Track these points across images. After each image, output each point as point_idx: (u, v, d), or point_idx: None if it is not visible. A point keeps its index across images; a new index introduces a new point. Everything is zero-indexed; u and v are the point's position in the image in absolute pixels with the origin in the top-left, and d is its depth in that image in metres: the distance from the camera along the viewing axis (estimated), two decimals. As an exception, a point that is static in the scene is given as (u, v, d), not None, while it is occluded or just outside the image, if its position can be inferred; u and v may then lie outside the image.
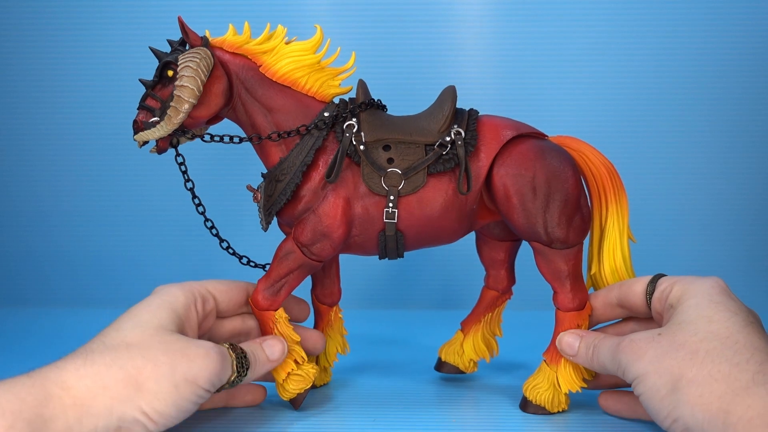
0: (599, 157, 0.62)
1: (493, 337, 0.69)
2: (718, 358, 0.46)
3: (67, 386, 0.45)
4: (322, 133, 0.57)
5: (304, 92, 0.58)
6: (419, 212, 0.57)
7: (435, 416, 0.59)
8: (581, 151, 0.62)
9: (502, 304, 0.68)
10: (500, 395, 0.64)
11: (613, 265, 0.62)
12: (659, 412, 0.48)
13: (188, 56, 0.54)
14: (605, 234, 0.62)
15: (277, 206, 0.57)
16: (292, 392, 0.59)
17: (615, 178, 0.62)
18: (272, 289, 0.58)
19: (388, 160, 0.57)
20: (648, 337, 0.51)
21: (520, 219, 0.57)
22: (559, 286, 0.59)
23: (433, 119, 0.59)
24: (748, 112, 0.99)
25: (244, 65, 0.57)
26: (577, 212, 0.59)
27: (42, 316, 0.95)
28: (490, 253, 0.67)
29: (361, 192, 0.57)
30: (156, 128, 0.54)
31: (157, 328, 0.51)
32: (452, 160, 0.57)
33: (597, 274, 0.62)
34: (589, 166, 0.62)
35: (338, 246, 0.58)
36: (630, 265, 0.62)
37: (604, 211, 0.62)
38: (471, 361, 0.68)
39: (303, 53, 0.58)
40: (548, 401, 0.59)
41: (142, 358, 0.47)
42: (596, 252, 0.63)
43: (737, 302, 0.51)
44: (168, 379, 0.47)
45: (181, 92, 0.54)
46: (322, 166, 0.57)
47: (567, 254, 0.58)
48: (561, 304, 0.59)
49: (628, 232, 0.62)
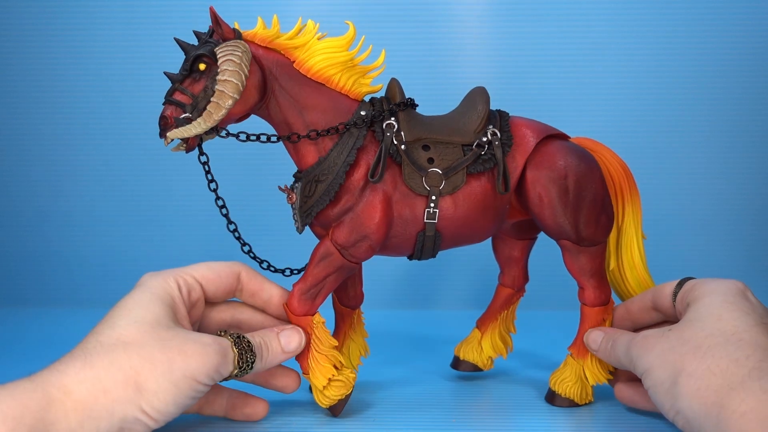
0: (616, 158, 0.65)
1: (508, 333, 0.70)
2: (718, 353, 0.47)
3: (68, 390, 0.44)
4: (362, 132, 0.56)
5: (337, 90, 0.57)
6: (458, 212, 0.57)
7: (435, 416, 0.59)
8: (600, 152, 0.64)
9: (516, 301, 0.69)
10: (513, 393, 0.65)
11: (631, 261, 0.64)
12: (663, 404, 0.49)
13: (229, 49, 0.52)
14: (622, 232, 0.64)
15: (318, 207, 0.56)
16: (333, 399, 0.57)
17: (630, 179, 0.65)
18: (310, 293, 0.56)
19: (429, 160, 0.57)
20: (658, 333, 0.52)
21: (551, 218, 0.58)
22: (586, 283, 0.61)
23: (468, 119, 0.59)
24: (749, 111, 1.00)
25: (277, 60, 0.55)
26: (603, 211, 0.60)
27: (40, 316, 0.95)
28: (506, 252, 0.67)
29: (401, 192, 0.57)
30: (192, 125, 0.51)
31: (152, 324, 0.49)
32: (491, 160, 0.58)
33: (616, 270, 0.64)
34: (608, 167, 0.64)
35: (377, 247, 0.57)
36: (645, 260, 0.65)
37: (621, 210, 0.64)
38: (489, 358, 0.68)
39: (336, 50, 0.56)
40: (576, 394, 0.61)
41: (139, 358, 0.47)
42: (614, 249, 0.64)
43: (753, 304, 0.52)
44: (167, 378, 0.47)
45: (224, 87, 0.51)
46: (363, 166, 0.56)
47: (593, 252, 0.60)
48: (588, 299, 0.61)
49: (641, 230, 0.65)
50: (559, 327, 0.74)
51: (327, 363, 0.57)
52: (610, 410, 0.60)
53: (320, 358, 0.57)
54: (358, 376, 0.67)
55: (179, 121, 0.52)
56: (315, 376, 0.57)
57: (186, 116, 0.52)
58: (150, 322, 0.49)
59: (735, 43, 1.00)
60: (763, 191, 1.00)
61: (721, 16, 0.99)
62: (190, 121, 0.52)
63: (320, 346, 0.57)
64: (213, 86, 0.52)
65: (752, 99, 1.01)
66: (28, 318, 0.94)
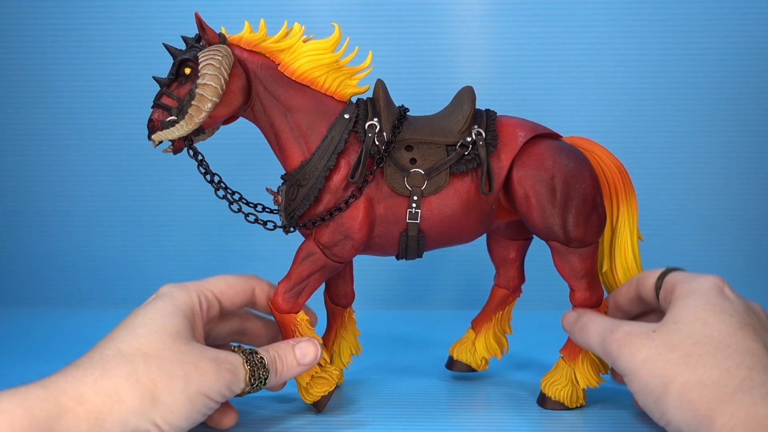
0: (611, 157, 0.63)
1: (503, 334, 0.69)
2: (709, 363, 0.46)
3: (82, 400, 0.44)
4: (343, 136, 0.56)
5: (322, 92, 0.57)
6: (441, 212, 0.57)
7: (435, 416, 0.59)
8: (594, 151, 0.63)
9: (512, 302, 0.69)
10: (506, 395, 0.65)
11: (625, 264, 0.63)
12: (652, 413, 0.49)
13: (209, 53, 0.53)
14: (616, 233, 0.63)
15: (300, 211, 0.56)
16: (317, 395, 0.58)
17: (626, 179, 0.64)
18: (293, 291, 0.57)
19: (411, 160, 0.57)
20: (642, 333, 0.51)
21: (538, 219, 0.58)
22: (576, 284, 0.60)
23: (453, 120, 0.59)
24: (747, 111, 0.99)
25: (262, 63, 0.56)
26: (594, 212, 0.59)
27: (38, 316, 0.95)
28: (501, 252, 0.67)
29: (383, 192, 0.57)
30: (175, 127, 0.53)
31: (173, 336, 0.50)
32: (474, 160, 0.58)
33: (608, 272, 0.63)
34: (602, 166, 0.63)
35: (360, 247, 0.57)
36: (640, 263, 0.64)
37: (616, 211, 0.63)
38: (483, 359, 0.68)
39: (321, 52, 0.57)
40: (567, 397, 0.60)
41: (158, 370, 0.47)
42: (608, 250, 0.64)
43: (735, 302, 0.51)
44: (183, 393, 0.47)
45: (204, 90, 0.52)
46: (344, 168, 0.57)
47: (584, 253, 0.59)
48: (578, 301, 0.60)
49: (637, 231, 0.64)
50: (553, 328, 0.72)
51: None
52: (601, 414, 0.60)
53: None
54: (353, 376, 0.68)
55: (165, 124, 0.53)
56: None
57: (171, 119, 0.53)
58: (171, 334, 0.50)
59: (735, 43, 0.98)
60: (764, 192, 0.98)
61: (721, 16, 0.98)
62: (175, 123, 0.53)
63: None
64: (196, 90, 0.53)
65: (750, 98, 0.99)
66: (25, 318, 0.95)
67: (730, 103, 1.00)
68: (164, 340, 0.49)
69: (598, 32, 0.99)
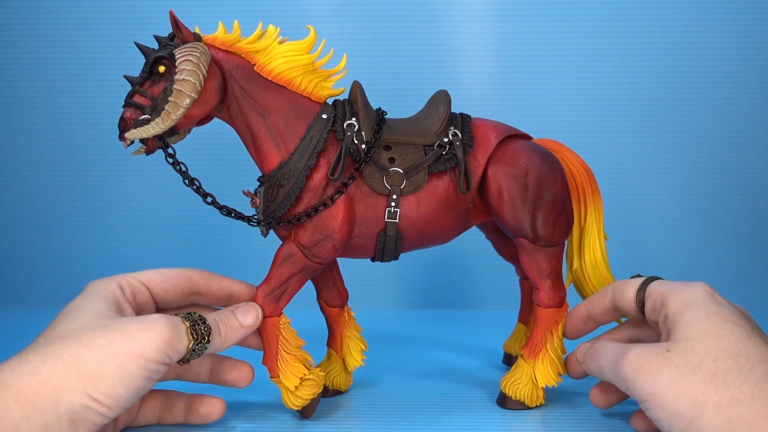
0: (579, 159, 0.65)
1: None
2: (737, 379, 0.45)
3: (5, 384, 0.43)
4: (323, 136, 0.56)
5: (299, 92, 0.57)
6: (420, 212, 0.58)
7: (435, 416, 0.60)
8: (563, 153, 0.65)
9: None
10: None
11: (594, 261, 0.65)
12: None
13: (187, 50, 0.52)
14: (585, 232, 0.65)
15: (280, 211, 0.56)
16: (306, 399, 0.57)
17: (592, 181, 0.65)
18: (274, 295, 0.57)
19: (390, 159, 0.58)
20: (656, 354, 0.49)
21: (509, 214, 0.59)
22: (541, 283, 0.62)
23: (429, 121, 0.59)
24: (749, 111, 1.00)
25: (238, 64, 0.56)
26: (563, 213, 0.61)
27: (37, 316, 0.92)
28: (512, 251, 0.69)
29: (362, 192, 0.57)
30: (150, 125, 0.52)
31: (93, 316, 0.48)
32: (452, 159, 0.58)
33: (579, 270, 0.66)
34: (571, 168, 0.64)
35: (340, 247, 0.57)
36: (607, 259, 0.66)
37: (584, 211, 0.65)
38: None
39: (297, 53, 0.57)
40: (527, 396, 0.61)
41: (78, 345, 0.45)
42: (577, 249, 0.66)
43: (729, 308, 0.51)
44: (110, 360, 0.45)
45: (182, 86, 0.51)
46: (324, 167, 0.56)
47: (550, 252, 0.61)
48: (541, 300, 0.62)
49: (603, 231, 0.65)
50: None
51: (297, 362, 0.57)
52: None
53: (289, 358, 0.57)
54: (353, 376, 0.67)
55: (138, 122, 0.52)
56: (286, 377, 0.57)
57: (145, 117, 0.52)
58: (92, 315, 0.49)
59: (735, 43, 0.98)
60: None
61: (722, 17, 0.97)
62: (149, 122, 0.52)
63: (288, 347, 0.57)
64: (172, 87, 0.52)
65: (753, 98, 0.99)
66: (24, 318, 0.95)
67: (730, 102, 1.00)
68: (85, 321, 0.48)
69: (597, 33, 0.98)
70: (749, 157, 1.00)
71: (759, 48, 0.98)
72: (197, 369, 0.59)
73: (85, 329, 0.47)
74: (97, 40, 1.01)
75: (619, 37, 0.98)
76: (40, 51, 1.01)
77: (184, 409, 0.57)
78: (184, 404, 0.57)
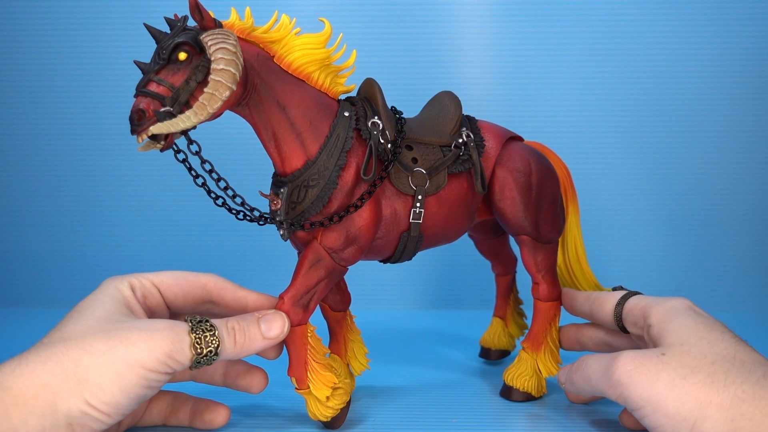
0: (561, 161, 0.69)
1: (521, 314, 0.76)
2: (738, 379, 0.45)
3: (5, 386, 0.42)
4: (349, 134, 0.54)
5: (317, 87, 0.55)
6: (440, 212, 0.58)
7: (435, 416, 0.60)
8: (548, 155, 0.68)
9: (514, 280, 0.75)
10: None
11: (576, 256, 0.69)
12: None
13: (219, 37, 0.47)
14: (566, 230, 0.69)
15: (311, 213, 0.53)
16: (337, 409, 0.54)
17: (571, 181, 0.70)
18: (302, 301, 0.53)
19: (413, 159, 0.57)
20: (652, 357, 0.49)
21: (513, 213, 0.61)
22: (541, 279, 0.64)
23: (443, 122, 0.60)
24: (749, 111, 1.00)
25: (258, 54, 0.51)
26: (560, 212, 0.65)
27: (37, 316, 0.94)
28: (494, 249, 0.72)
29: (388, 192, 0.56)
30: (180, 119, 0.46)
31: (99, 318, 0.47)
32: (469, 161, 0.59)
33: (563, 265, 0.69)
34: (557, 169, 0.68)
35: (366, 249, 0.55)
36: (585, 255, 0.70)
37: (566, 209, 0.69)
38: (512, 339, 0.75)
39: (315, 46, 0.54)
40: (533, 387, 0.63)
41: (78, 350, 0.44)
42: (561, 245, 0.69)
43: (712, 319, 0.52)
44: (108, 368, 0.44)
45: (221, 76, 0.47)
46: (353, 166, 0.54)
47: (549, 249, 0.64)
48: (542, 295, 0.64)
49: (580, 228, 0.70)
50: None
51: (327, 371, 0.54)
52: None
53: (319, 368, 0.54)
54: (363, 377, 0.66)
55: (160, 115, 0.46)
56: (317, 388, 0.53)
57: (167, 110, 0.47)
58: (97, 318, 0.47)
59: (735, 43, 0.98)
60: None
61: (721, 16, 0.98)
62: (173, 115, 0.47)
63: (317, 356, 0.54)
64: (197, 77, 0.47)
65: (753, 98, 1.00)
66: (23, 318, 0.94)
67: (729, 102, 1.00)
68: (90, 324, 0.46)
69: (597, 33, 0.99)
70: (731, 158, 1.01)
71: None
72: (211, 372, 0.57)
73: (88, 333, 0.46)
74: (97, 40, 1.00)
75: (619, 36, 1.00)
76: (41, 51, 1.01)
77: (189, 413, 0.56)
78: (191, 408, 0.56)
